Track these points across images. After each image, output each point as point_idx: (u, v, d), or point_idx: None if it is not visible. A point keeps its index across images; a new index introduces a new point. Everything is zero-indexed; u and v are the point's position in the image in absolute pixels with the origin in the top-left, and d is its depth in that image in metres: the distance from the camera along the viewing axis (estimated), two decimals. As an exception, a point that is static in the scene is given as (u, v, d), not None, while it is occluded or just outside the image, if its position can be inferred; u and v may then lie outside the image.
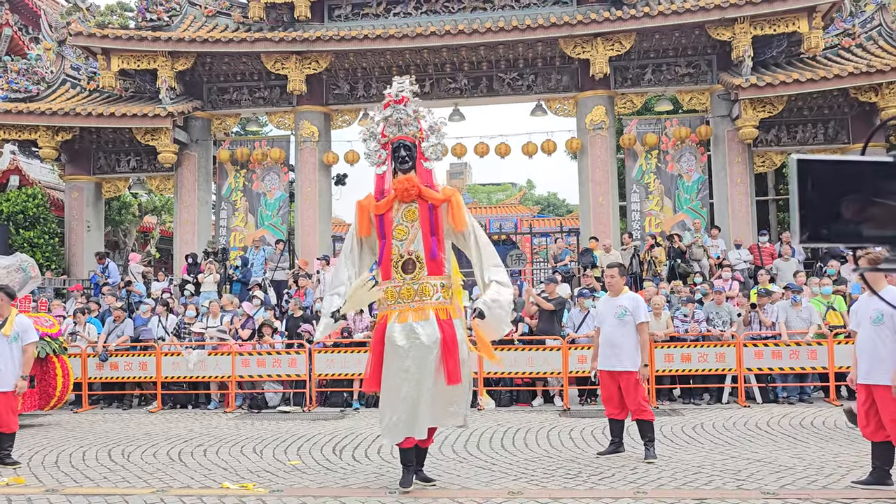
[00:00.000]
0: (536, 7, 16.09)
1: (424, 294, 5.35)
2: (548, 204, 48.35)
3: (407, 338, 5.23)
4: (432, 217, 5.42)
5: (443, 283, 5.41)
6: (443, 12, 16.27)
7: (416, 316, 5.29)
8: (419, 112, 5.68)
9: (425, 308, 5.31)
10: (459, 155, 17.14)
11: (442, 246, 5.45)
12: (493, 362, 6.62)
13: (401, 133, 5.57)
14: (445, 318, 5.32)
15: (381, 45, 15.19)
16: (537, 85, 16.47)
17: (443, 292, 5.39)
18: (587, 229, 15.85)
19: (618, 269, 6.85)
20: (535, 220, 30.02)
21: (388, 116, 5.63)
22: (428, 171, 5.59)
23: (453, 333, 5.30)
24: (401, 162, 5.53)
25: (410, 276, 5.36)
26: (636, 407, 6.54)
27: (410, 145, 5.56)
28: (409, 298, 5.35)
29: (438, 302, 5.36)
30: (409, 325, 5.25)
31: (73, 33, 15.80)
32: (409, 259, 5.41)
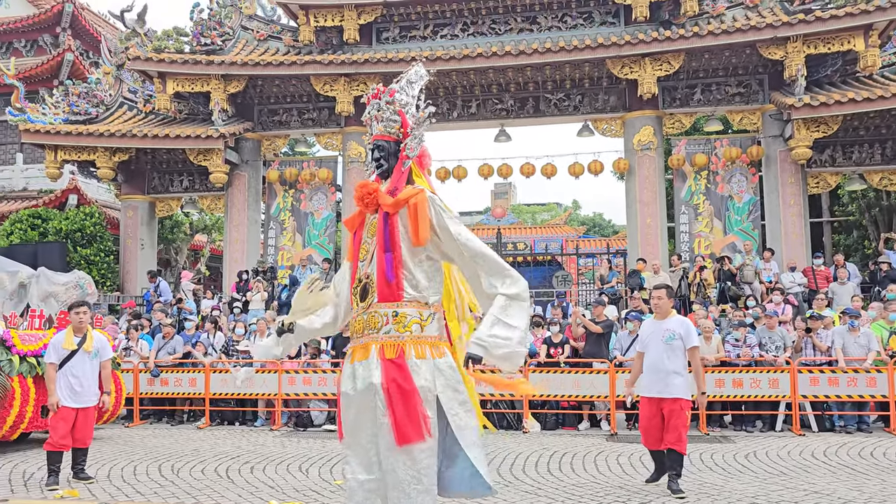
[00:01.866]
0: (583, 28, 16.08)
1: (370, 326, 4.15)
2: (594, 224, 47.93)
3: (351, 381, 4.16)
4: (386, 228, 4.24)
5: (396, 311, 4.13)
6: (490, 34, 16.37)
7: (360, 353, 4.18)
8: (396, 101, 4.46)
9: (367, 345, 4.15)
10: (505, 175, 17.17)
11: (399, 263, 4.18)
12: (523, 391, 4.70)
13: (374, 132, 4.53)
14: (393, 355, 4.04)
15: (428, 67, 15.22)
16: (584, 105, 16.40)
17: (395, 323, 4.11)
18: (635, 250, 15.64)
19: (665, 291, 6.44)
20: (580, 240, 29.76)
21: (366, 117, 4.59)
22: (402, 173, 4.39)
23: (403, 375, 3.99)
24: (375, 167, 4.48)
25: (363, 305, 4.23)
26: (675, 436, 6.15)
27: (384, 144, 4.47)
28: (360, 332, 4.22)
29: (387, 336, 4.10)
30: (353, 367, 4.18)
31: (131, 58, 16.34)
32: (365, 283, 4.27)
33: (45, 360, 7.18)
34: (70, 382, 6.82)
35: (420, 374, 4.00)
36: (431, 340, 4.14)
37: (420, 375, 3.99)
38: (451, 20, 16.49)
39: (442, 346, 4.19)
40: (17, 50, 26.53)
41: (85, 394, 6.88)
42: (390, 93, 4.44)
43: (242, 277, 15.30)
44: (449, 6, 16.25)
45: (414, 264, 4.21)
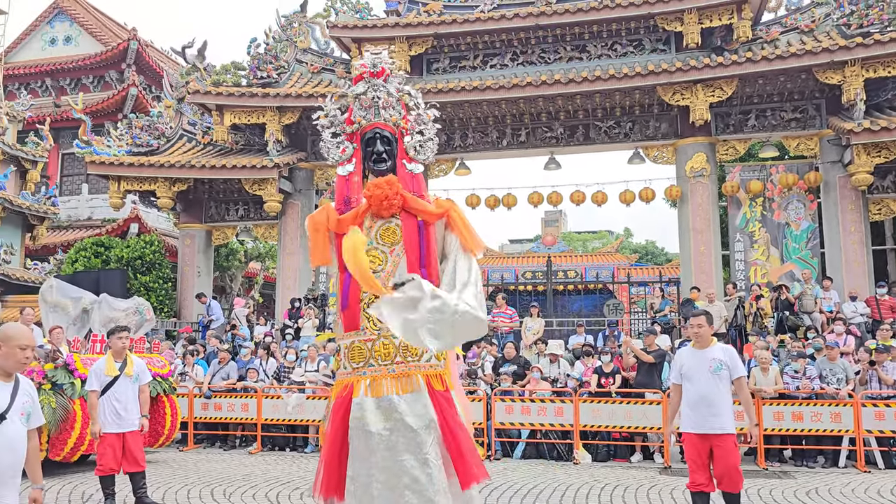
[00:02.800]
0: (633, 55, 16.04)
1: (410, 353, 3.58)
2: (646, 252, 47.26)
3: (385, 418, 3.48)
4: (422, 239, 3.68)
5: None
6: (539, 63, 16.46)
7: (398, 385, 3.54)
8: (405, 92, 4.02)
9: (411, 374, 3.55)
10: (555, 203, 17.11)
11: (437, 281, 3.64)
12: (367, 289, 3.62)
13: (378, 119, 3.90)
14: (441, 387, 3.60)
15: (478, 97, 15.46)
16: (635, 132, 16.29)
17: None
18: (688, 279, 15.36)
19: (705, 318, 5.89)
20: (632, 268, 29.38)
21: (359, 95, 3.97)
22: (414, 176, 3.89)
23: (454, 409, 3.59)
24: (375, 160, 3.84)
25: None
26: (728, 476, 5.56)
27: (391, 137, 3.88)
28: (388, 359, 3.59)
29: (430, 365, 3.60)
30: (389, 400, 3.51)
31: (191, 92, 16.93)
32: None
33: (86, 387, 7.23)
34: (114, 407, 6.89)
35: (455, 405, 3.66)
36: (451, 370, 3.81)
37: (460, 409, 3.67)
38: (501, 50, 16.65)
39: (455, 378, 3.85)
40: (85, 86, 27.76)
41: (129, 418, 6.96)
42: (398, 80, 4.00)
43: (295, 304, 15.53)
44: (498, 36, 16.42)
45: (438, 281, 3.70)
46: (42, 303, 11.27)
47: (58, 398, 8.61)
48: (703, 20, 15.16)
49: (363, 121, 3.97)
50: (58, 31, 29.30)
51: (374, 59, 4.02)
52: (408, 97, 4.01)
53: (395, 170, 3.88)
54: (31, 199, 19.81)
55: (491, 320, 14.22)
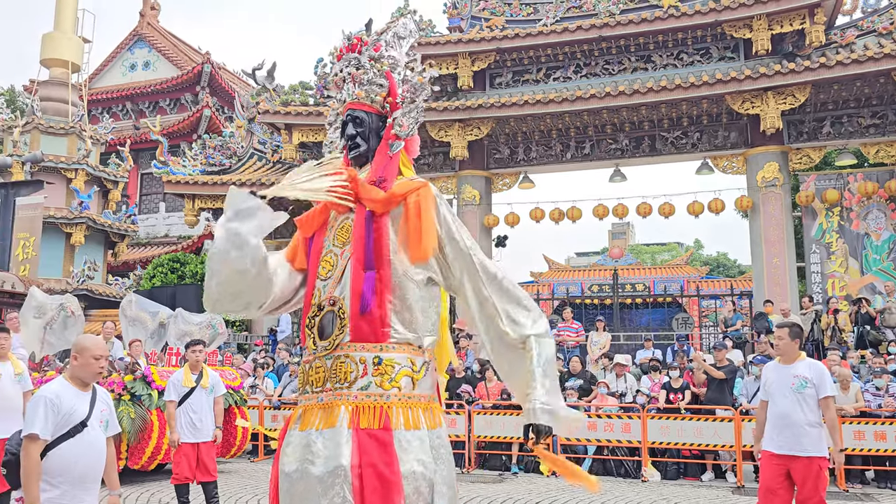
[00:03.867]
0: (700, 64, 15.74)
1: (338, 377, 2.86)
2: (717, 265, 46.03)
3: (299, 458, 2.81)
4: (369, 233, 2.95)
5: (378, 357, 2.86)
6: (603, 74, 16.33)
7: (323, 418, 2.84)
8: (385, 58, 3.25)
9: (333, 405, 2.83)
10: (621, 215, 16.89)
11: (386, 287, 2.89)
12: (591, 490, 3.12)
13: (351, 99, 3.22)
14: (375, 424, 2.78)
15: (541, 110, 15.44)
16: (703, 143, 15.96)
17: (377, 375, 2.84)
18: (761, 292, 14.89)
19: (788, 330, 5.45)
20: (703, 281, 28.65)
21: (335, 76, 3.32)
22: (391, 158, 3.12)
23: (386, 456, 2.72)
24: (349, 147, 3.16)
25: (325, 345, 2.92)
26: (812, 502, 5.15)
27: (364, 117, 3.17)
28: (318, 385, 2.91)
29: (364, 394, 2.82)
30: (308, 435, 2.83)
31: (261, 112, 17.46)
32: (329, 313, 2.94)
33: (164, 398, 7.46)
34: (190, 418, 7.07)
35: (411, 453, 2.76)
36: (425, 402, 2.94)
37: (410, 456, 2.76)
38: (564, 63, 16.60)
39: (437, 411, 3.01)
40: (162, 108, 28.97)
41: (204, 429, 7.13)
42: (375, 46, 3.25)
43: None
44: (561, 49, 16.38)
45: (407, 289, 2.92)
46: (122, 317, 11.79)
47: (136, 409, 8.96)
48: (773, 26, 14.77)
49: (338, 105, 3.32)
50: (137, 57, 30.72)
51: (350, 33, 3.33)
52: (386, 63, 3.23)
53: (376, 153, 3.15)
54: (112, 217, 20.75)
55: (556, 334, 14.10)
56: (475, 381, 11.77)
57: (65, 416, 3.67)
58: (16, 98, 30.84)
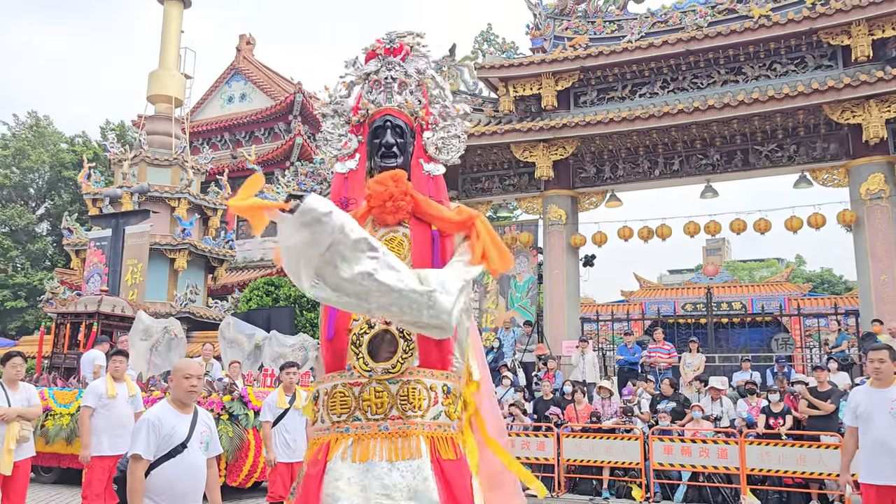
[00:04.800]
0: (795, 74, 15.14)
1: (410, 404, 2.65)
2: (821, 281, 43.73)
3: (361, 491, 2.54)
4: (436, 253, 2.80)
5: (447, 385, 2.72)
6: (691, 89, 15.96)
7: (391, 449, 2.60)
8: (427, 76, 3.12)
9: (409, 434, 2.61)
10: (713, 232, 16.37)
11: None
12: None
13: (390, 104, 3.03)
14: (452, 456, 2.65)
15: (627, 127, 15.22)
16: (800, 155, 15.31)
17: (447, 404, 2.71)
18: (868, 310, 14.05)
19: (888, 353, 5.27)
20: (805, 299, 27.29)
21: (370, 74, 3.10)
22: (432, 179, 3.00)
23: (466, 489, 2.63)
24: (383, 154, 2.95)
25: (386, 367, 2.68)
26: None
27: (404, 128, 3.00)
28: (380, 411, 2.65)
29: (438, 424, 2.67)
30: (373, 468, 2.57)
31: (477, 67, 17.65)
32: (385, 332, 2.72)
33: (260, 418, 7.66)
34: (284, 439, 7.25)
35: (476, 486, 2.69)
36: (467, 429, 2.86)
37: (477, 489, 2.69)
38: (650, 78, 16.33)
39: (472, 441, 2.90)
40: (257, 137, 30.25)
41: (297, 449, 7.26)
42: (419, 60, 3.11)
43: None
44: (647, 65, 16.12)
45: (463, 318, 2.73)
46: (221, 339, 12.34)
47: (234, 428, 9.32)
48: (873, 31, 14.08)
49: (371, 106, 3.07)
50: (234, 90, 32.25)
51: (393, 35, 3.13)
52: (431, 82, 3.12)
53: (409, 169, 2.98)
54: (212, 243, 21.77)
55: (647, 356, 13.77)
56: (564, 404, 11.63)
57: (165, 438, 3.88)
58: (125, 133, 32.92)
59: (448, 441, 2.66)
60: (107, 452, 6.76)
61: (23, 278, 30.11)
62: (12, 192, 32.64)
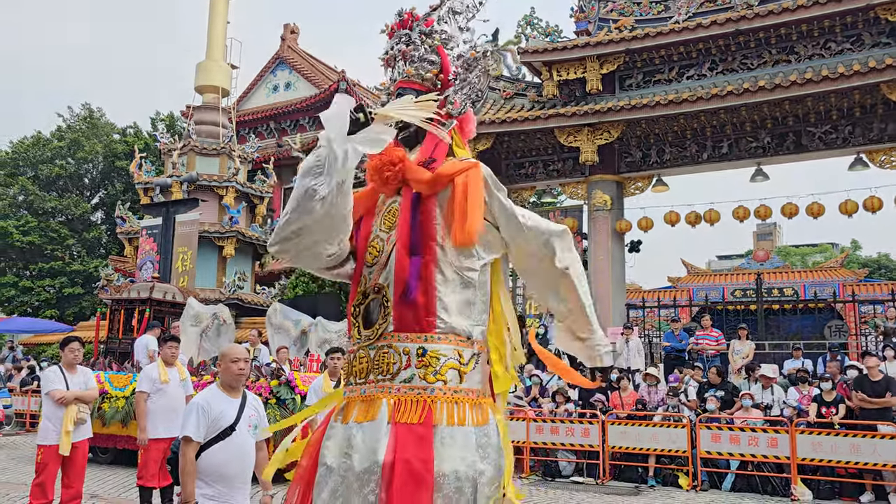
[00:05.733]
0: (851, 52, 14.62)
1: (380, 369, 2.74)
2: (878, 266, 42.42)
3: (339, 453, 2.71)
4: (415, 217, 2.83)
5: (423, 348, 2.73)
6: (741, 70, 15.55)
7: (362, 411, 2.72)
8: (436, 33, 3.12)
9: (375, 398, 2.71)
10: (764, 217, 16.01)
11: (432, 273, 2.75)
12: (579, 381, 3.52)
13: (401, 77, 3.09)
14: (416, 419, 2.64)
15: (674, 111, 14.93)
16: (855, 136, 14.82)
17: (420, 367, 2.71)
18: (927, 297, 13.60)
19: None
20: (860, 284, 26.50)
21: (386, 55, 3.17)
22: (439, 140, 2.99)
23: (423, 453, 2.58)
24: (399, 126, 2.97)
25: (369, 334, 2.82)
26: None
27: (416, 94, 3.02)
28: (362, 376, 2.80)
29: (409, 386, 2.70)
30: (349, 429, 2.72)
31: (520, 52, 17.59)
32: (373, 301, 2.85)
33: (306, 402, 7.86)
34: None
35: (453, 450, 2.60)
36: (473, 397, 2.76)
37: (453, 453, 2.60)
38: (698, 60, 15.95)
39: (486, 407, 2.82)
40: (302, 126, 30.54)
41: None
42: (427, 21, 3.12)
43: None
44: (695, 46, 15.75)
45: (454, 276, 2.79)
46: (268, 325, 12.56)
47: (282, 412, 9.49)
48: (935, 6, 13.50)
49: (390, 84, 3.15)
50: (279, 79, 32.59)
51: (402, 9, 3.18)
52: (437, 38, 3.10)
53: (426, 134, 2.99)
54: (259, 230, 22.11)
55: (695, 342, 13.56)
56: (609, 391, 11.54)
57: (214, 421, 3.98)
58: (175, 123, 33.60)
59: (417, 404, 2.65)
60: (161, 435, 6.97)
61: (79, 266, 31.06)
62: (68, 182, 33.64)
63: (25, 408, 15.86)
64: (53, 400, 6.40)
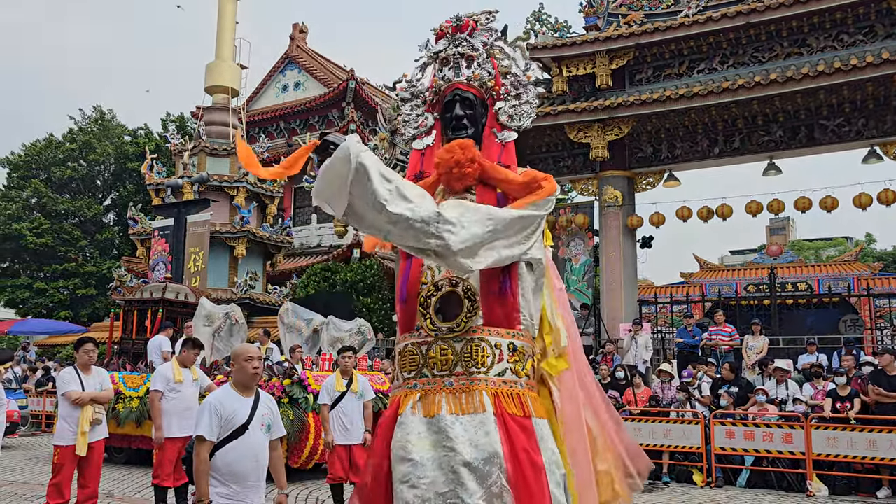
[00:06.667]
0: (864, 44, 14.47)
1: (475, 361, 2.76)
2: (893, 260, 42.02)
3: (432, 446, 2.67)
4: None
5: (513, 343, 2.82)
6: (752, 63, 15.43)
7: (455, 403, 2.71)
8: (495, 46, 3.26)
9: (473, 389, 2.72)
10: (776, 211, 15.87)
11: (516, 270, 2.87)
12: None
13: (458, 79, 3.18)
14: (517, 411, 2.73)
15: (685, 105, 14.82)
16: (869, 129, 14.68)
17: (512, 361, 2.80)
18: (943, 290, 13.46)
19: None
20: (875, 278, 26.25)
21: (438, 53, 3.26)
22: (504, 146, 3.20)
23: (532, 443, 2.69)
24: (454, 127, 3.12)
25: (451, 326, 2.83)
26: None
27: (474, 99, 3.15)
28: (445, 368, 2.79)
29: (503, 380, 2.76)
30: (439, 421, 2.70)
31: (530, 48, 17.71)
32: (452, 294, 2.87)
33: (318, 401, 7.82)
34: (342, 421, 7.37)
35: (544, 440, 2.74)
36: (537, 391, 2.93)
37: (544, 443, 2.73)
38: (708, 54, 15.85)
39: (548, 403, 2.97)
40: (311, 125, 30.60)
41: (354, 432, 7.40)
42: (486, 34, 3.24)
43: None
44: (705, 40, 15.65)
45: (526, 276, 2.93)
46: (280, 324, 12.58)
47: (295, 411, 9.51)
48: (949, -4, 13.35)
49: (442, 83, 3.24)
50: (289, 79, 32.66)
51: (461, 14, 3.30)
52: (499, 53, 3.25)
53: (481, 140, 3.15)
54: (269, 230, 22.18)
55: (708, 338, 13.48)
56: (622, 388, 11.50)
57: (227, 420, 3.99)
58: (185, 124, 33.74)
59: (514, 397, 2.75)
60: (176, 434, 7.00)
61: (92, 267, 31.28)
62: (80, 183, 33.86)
63: (41, 409, 15.99)
64: (69, 401, 6.44)
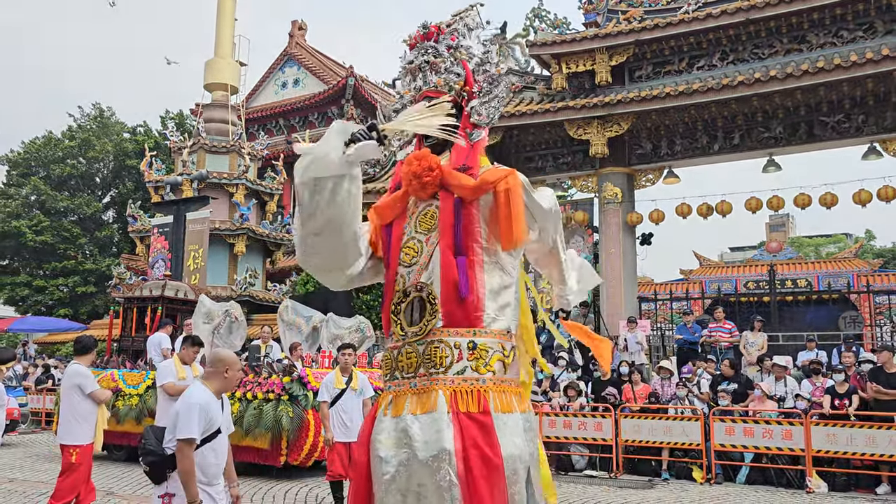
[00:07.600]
0: (864, 40, 14.45)
1: (432, 362, 2.88)
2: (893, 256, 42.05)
3: (395, 444, 2.82)
4: (459, 220, 2.97)
5: (473, 342, 2.88)
6: (752, 59, 15.40)
7: (417, 403, 2.86)
8: (462, 48, 3.24)
9: (431, 389, 2.84)
10: (776, 208, 15.86)
11: (478, 272, 2.93)
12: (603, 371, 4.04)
13: (427, 87, 3.22)
14: (475, 408, 2.80)
15: (685, 101, 14.81)
16: (868, 125, 14.66)
17: (472, 360, 2.87)
18: (943, 287, 13.46)
19: None
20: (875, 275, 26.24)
21: (408, 65, 3.34)
22: (471, 147, 3.15)
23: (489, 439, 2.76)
24: (425, 136, 3.20)
25: (415, 330, 2.94)
26: None
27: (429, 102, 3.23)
28: (411, 370, 2.93)
29: (463, 378, 2.85)
30: (402, 421, 2.84)
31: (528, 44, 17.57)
32: (417, 298, 2.96)
33: (318, 399, 7.81)
34: (341, 419, 7.37)
35: (508, 435, 2.79)
36: (516, 386, 3.01)
37: (508, 439, 2.78)
38: (708, 50, 15.82)
39: (525, 396, 3.10)
40: (311, 122, 30.58)
41: (354, 429, 7.31)
42: (452, 36, 3.24)
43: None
44: (705, 36, 15.62)
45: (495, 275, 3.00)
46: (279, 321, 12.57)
47: (294, 408, 9.51)
48: (949, -8, 13.32)
49: (414, 93, 3.31)
50: (288, 76, 32.63)
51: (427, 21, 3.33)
52: (463, 53, 3.22)
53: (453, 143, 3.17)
54: (269, 227, 22.17)
55: (707, 335, 13.48)
56: (621, 384, 11.50)
57: (209, 422, 4.06)
58: (184, 121, 33.71)
59: (474, 394, 2.83)
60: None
61: (92, 265, 31.26)
62: (80, 181, 33.83)
63: (41, 406, 15.99)
64: (99, 400, 6.38)
